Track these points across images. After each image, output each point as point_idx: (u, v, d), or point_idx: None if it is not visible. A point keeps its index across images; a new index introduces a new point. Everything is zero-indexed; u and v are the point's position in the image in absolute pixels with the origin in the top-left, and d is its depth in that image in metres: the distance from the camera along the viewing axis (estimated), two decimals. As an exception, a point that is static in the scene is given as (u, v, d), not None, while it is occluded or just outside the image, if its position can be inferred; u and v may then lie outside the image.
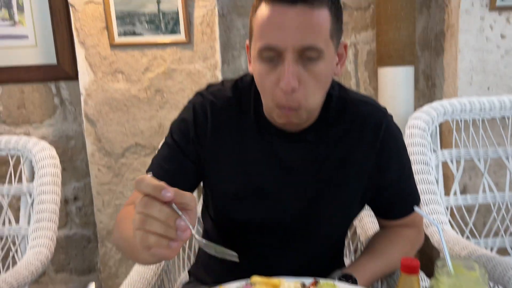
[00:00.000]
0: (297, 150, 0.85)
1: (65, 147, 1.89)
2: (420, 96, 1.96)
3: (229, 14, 1.87)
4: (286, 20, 0.70)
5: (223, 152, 0.87)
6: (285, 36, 0.70)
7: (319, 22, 0.71)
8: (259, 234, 0.89)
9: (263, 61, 0.74)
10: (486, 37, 1.66)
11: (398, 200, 0.93)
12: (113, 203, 1.74)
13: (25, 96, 1.84)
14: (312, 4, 0.70)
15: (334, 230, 0.93)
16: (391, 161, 0.88)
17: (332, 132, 0.86)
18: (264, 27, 0.72)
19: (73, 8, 1.61)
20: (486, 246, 1.49)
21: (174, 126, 0.90)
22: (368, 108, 0.88)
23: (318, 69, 0.74)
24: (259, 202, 0.87)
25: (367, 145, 0.86)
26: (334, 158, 0.86)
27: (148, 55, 1.65)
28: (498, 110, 1.48)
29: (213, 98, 0.87)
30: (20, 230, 1.41)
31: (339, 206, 0.88)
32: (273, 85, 0.75)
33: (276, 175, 0.86)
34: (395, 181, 0.90)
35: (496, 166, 1.68)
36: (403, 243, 0.93)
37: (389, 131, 0.88)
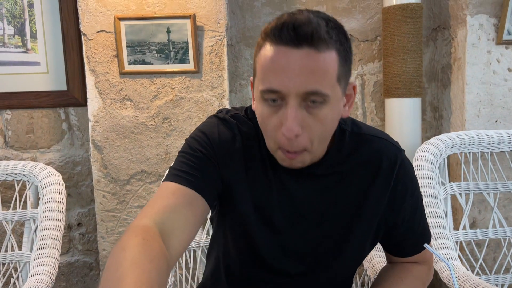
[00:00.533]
0: (307, 185, 0.82)
1: (71, 173, 1.89)
2: (427, 127, 1.96)
3: (237, 44, 1.89)
4: (289, 63, 0.67)
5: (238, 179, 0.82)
6: (288, 81, 0.67)
7: (325, 66, 0.67)
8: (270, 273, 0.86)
9: (266, 103, 0.71)
10: (493, 70, 1.67)
11: (410, 238, 0.90)
12: (116, 230, 1.72)
13: (34, 121, 1.86)
14: (318, 47, 0.66)
15: (344, 269, 0.90)
16: (405, 198, 0.85)
17: (345, 167, 0.82)
18: (267, 70, 0.69)
19: (85, 36, 1.64)
20: (497, 283, 1.45)
21: (193, 140, 0.83)
22: (382, 144, 0.85)
23: (323, 113, 0.70)
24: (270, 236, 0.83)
25: (382, 181, 0.83)
26: (348, 194, 0.82)
27: (157, 83, 1.67)
28: (507, 144, 1.47)
29: (237, 122, 0.83)
30: (22, 256, 1.40)
31: (351, 244, 0.84)
32: (275, 128, 0.71)
33: (286, 210, 0.82)
34: (408, 219, 0.87)
35: (505, 200, 1.65)
36: (414, 281, 0.90)
37: (404, 167, 0.85)
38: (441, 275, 1.27)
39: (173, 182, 0.76)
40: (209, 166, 0.79)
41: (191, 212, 0.74)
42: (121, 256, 0.60)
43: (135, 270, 0.56)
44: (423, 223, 0.91)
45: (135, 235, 0.64)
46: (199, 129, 0.85)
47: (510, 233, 1.45)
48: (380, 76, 1.91)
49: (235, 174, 0.81)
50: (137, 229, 0.66)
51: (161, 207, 0.71)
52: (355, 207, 0.82)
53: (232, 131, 0.82)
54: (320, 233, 0.83)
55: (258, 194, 0.82)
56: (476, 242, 1.47)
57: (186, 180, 0.76)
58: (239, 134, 0.82)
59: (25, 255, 1.39)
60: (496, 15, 1.64)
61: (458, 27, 1.71)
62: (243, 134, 0.83)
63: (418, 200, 0.89)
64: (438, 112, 1.90)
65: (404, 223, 0.87)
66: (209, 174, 0.79)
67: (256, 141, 0.83)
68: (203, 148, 0.80)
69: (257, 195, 0.82)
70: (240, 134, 0.82)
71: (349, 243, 0.84)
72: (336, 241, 0.84)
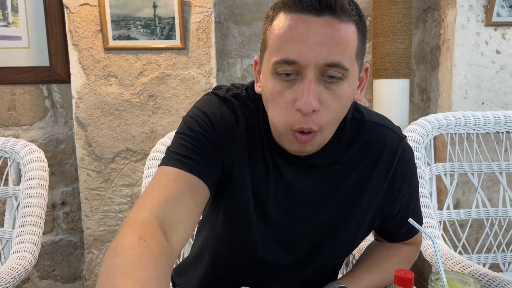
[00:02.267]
0: (306, 176, 0.77)
1: (54, 151, 1.86)
2: (415, 109, 1.96)
3: (225, 21, 1.86)
4: (309, 32, 0.61)
5: (239, 165, 0.76)
6: (307, 51, 0.61)
7: (347, 37, 0.63)
8: (257, 260, 0.82)
9: (278, 77, 0.65)
10: (481, 52, 1.67)
11: (404, 226, 0.88)
12: (101, 208, 1.70)
13: (16, 97, 1.81)
14: (340, 17, 0.62)
15: (334, 258, 0.87)
16: (402, 188, 0.82)
17: (345, 157, 0.78)
18: (283, 39, 0.63)
19: (67, 10, 1.59)
20: (479, 261, 1.47)
21: (192, 119, 0.76)
22: (384, 132, 0.80)
23: (342, 90, 0.65)
24: (264, 227, 0.79)
25: (381, 171, 0.79)
26: (347, 185, 0.78)
27: (142, 60, 1.63)
28: (492, 125, 1.48)
29: (239, 103, 0.76)
30: (4, 234, 1.37)
31: (346, 233, 0.81)
32: (288, 105, 0.65)
33: (283, 201, 0.78)
34: (403, 208, 0.85)
35: (489, 181, 1.67)
36: (401, 260, 0.90)
37: (404, 156, 0.81)
38: (424, 253, 1.29)
39: (173, 167, 0.70)
40: (211, 149, 0.73)
41: (192, 200, 0.68)
42: (113, 262, 0.54)
43: (128, 283, 0.50)
44: (417, 210, 0.88)
45: (131, 233, 0.58)
46: (199, 107, 0.77)
47: (493, 213, 1.47)
48: (369, 57, 1.90)
49: (236, 160, 0.75)
50: (135, 224, 0.61)
51: (162, 197, 0.66)
52: (352, 197, 0.79)
53: (235, 113, 0.75)
54: (314, 225, 0.80)
55: (256, 182, 0.77)
56: (460, 222, 1.49)
57: (187, 165, 0.70)
58: (243, 116, 0.75)
59: (7, 232, 1.37)
60: (486, -4, 1.63)
61: (448, 8, 1.70)
62: (247, 117, 0.76)
63: (414, 187, 0.86)
64: (426, 94, 1.90)
65: (399, 213, 0.84)
66: (210, 158, 0.72)
67: (257, 126, 0.76)
68: (204, 130, 0.73)
69: (256, 183, 0.76)
70: (243, 117, 0.75)
71: (342, 234, 0.81)
72: (330, 232, 0.80)
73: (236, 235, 0.81)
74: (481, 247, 1.51)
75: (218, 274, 0.88)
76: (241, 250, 0.82)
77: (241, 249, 0.82)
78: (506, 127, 1.49)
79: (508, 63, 1.68)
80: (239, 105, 0.76)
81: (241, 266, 0.84)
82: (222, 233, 0.83)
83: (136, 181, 1.70)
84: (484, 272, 1.05)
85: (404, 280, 0.56)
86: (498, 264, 1.48)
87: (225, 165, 0.75)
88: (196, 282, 0.91)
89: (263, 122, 0.75)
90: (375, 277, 0.85)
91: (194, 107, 0.78)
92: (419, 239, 0.95)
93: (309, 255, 0.82)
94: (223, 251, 0.85)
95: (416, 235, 0.92)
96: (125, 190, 1.70)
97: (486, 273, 1.05)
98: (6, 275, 1.16)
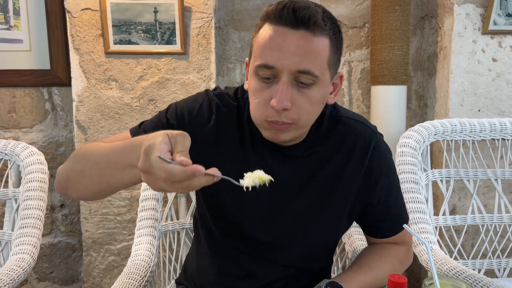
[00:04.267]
0: (288, 165, 0.86)
1: (54, 153, 1.87)
2: (412, 116, 1.98)
3: (225, 27, 1.88)
4: (286, 42, 0.72)
5: (217, 156, 0.86)
6: (283, 58, 0.72)
7: (318, 49, 0.73)
8: (248, 242, 0.90)
9: (259, 79, 0.76)
10: (478, 60, 1.69)
11: (386, 219, 0.94)
12: (100, 211, 1.71)
13: (16, 100, 1.82)
14: (314, 31, 0.72)
15: (320, 244, 0.93)
16: (379, 180, 0.89)
17: (322, 149, 0.87)
18: (264, 47, 0.74)
19: (69, 14, 1.61)
20: (474, 267, 1.49)
21: (174, 107, 0.90)
22: (358, 126, 0.89)
23: (312, 93, 0.75)
24: (250, 212, 0.87)
25: (356, 162, 0.87)
26: (324, 173, 0.87)
27: (143, 64, 1.65)
28: (488, 132, 1.50)
29: (219, 101, 0.88)
30: (3, 235, 1.38)
31: (326, 220, 0.88)
32: (265, 101, 0.76)
33: (266, 187, 0.85)
34: (383, 200, 0.91)
35: (485, 188, 1.69)
36: (392, 259, 0.94)
37: (379, 149, 0.89)
38: (419, 258, 1.30)
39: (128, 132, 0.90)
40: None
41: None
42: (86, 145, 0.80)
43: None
44: (399, 205, 0.94)
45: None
46: (187, 100, 0.90)
47: (488, 219, 1.48)
48: (367, 64, 1.92)
49: (204, 153, 0.84)
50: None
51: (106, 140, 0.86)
52: (330, 185, 0.87)
53: (210, 110, 0.87)
54: (291, 209, 0.87)
55: (232, 172, 0.82)
56: (455, 228, 1.50)
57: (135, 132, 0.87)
58: (216, 113, 0.87)
59: (6, 234, 1.38)
60: (483, 5, 1.65)
61: (445, 16, 1.72)
62: (220, 113, 0.87)
63: (393, 182, 0.93)
64: (423, 100, 1.92)
65: (379, 203, 0.91)
66: None
67: (236, 122, 0.87)
68: (175, 121, 0.87)
69: (231, 173, 0.82)
70: (216, 114, 0.87)
71: (323, 219, 0.88)
72: (309, 217, 0.88)
73: (220, 218, 0.90)
74: (476, 253, 1.52)
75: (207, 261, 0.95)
76: (229, 230, 0.90)
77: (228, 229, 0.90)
78: (501, 134, 1.50)
79: (504, 71, 1.70)
80: (217, 103, 0.88)
81: (233, 246, 0.91)
82: (209, 219, 0.93)
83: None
84: (478, 278, 1.06)
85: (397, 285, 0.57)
86: (493, 270, 1.49)
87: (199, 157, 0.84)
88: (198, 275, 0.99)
89: (249, 118, 0.85)
90: (367, 276, 0.89)
91: (186, 99, 0.91)
92: (408, 238, 0.98)
93: (288, 236, 0.88)
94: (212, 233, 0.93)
95: (403, 234, 0.96)
96: (124, 193, 1.71)
97: (481, 278, 1.06)
98: (5, 276, 1.17)
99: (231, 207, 0.88)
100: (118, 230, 1.73)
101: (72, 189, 0.80)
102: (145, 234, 1.26)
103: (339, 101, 1.95)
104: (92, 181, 0.75)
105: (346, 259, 1.27)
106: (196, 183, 0.58)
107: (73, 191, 0.81)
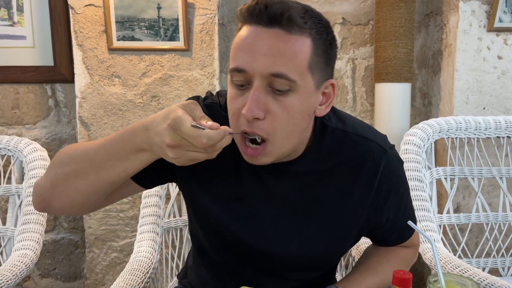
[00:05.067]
0: (284, 181, 0.79)
1: (57, 150, 1.87)
2: (416, 114, 1.96)
3: (229, 24, 1.87)
4: (257, 43, 0.64)
5: (213, 172, 0.80)
6: (253, 60, 0.64)
7: (294, 49, 0.64)
8: (251, 260, 0.84)
9: (234, 85, 0.68)
10: (483, 57, 1.67)
11: (394, 233, 0.90)
12: (102, 208, 1.71)
13: (20, 96, 1.83)
14: (290, 29, 0.64)
15: (326, 261, 0.88)
16: (388, 198, 0.82)
17: (325, 166, 0.79)
18: (237, 49, 0.67)
19: (72, 10, 1.61)
20: (478, 266, 1.48)
21: None
22: (367, 145, 0.80)
23: (289, 102, 0.66)
24: (244, 227, 0.81)
25: (364, 185, 0.80)
26: (327, 193, 0.79)
27: (146, 61, 1.65)
28: (493, 130, 1.49)
29: (210, 113, 0.78)
30: (6, 231, 1.39)
31: (331, 239, 0.82)
32: (237, 111, 0.68)
33: (265, 204, 0.80)
34: (391, 218, 0.86)
35: (490, 186, 1.68)
36: (399, 262, 0.91)
37: (388, 168, 0.81)
38: (423, 256, 1.29)
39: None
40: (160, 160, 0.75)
41: (121, 189, 0.79)
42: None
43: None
44: (407, 214, 0.88)
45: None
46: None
47: (493, 218, 1.47)
48: (371, 61, 1.91)
49: (193, 167, 0.76)
50: None
51: None
52: (336, 206, 0.80)
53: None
54: (293, 226, 0.81)
55: (223, 186, 0.79)
56: (460, 226, 1.49)
57: None
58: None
59: (9, 230, 1.38)
60: (488, 2, 1.64)
61: (450, 13, 1.71)
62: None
63: (403, 195, 0.86)
64: (428, 98, 1.91)
65: (388, 222, 0.85)
66: (154, 163, 0.74)
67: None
68: None
69: (223, 187, 0.80)
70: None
71: (326, 238, 0.82)
72: (311, 235, 0.81)
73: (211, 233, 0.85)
74: (480, 252, 1.51)
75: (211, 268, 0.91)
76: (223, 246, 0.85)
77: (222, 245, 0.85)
78: (507, 132, 1.49)
79: (510, 69, 1.69)
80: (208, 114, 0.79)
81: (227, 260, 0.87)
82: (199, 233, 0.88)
83: (138, 181, 1.71)
84: (483, 276, 1.06)
85: (402, 281, 0.56)
86: (498, 268, 1.48)
87: (179, 171, 0.80)
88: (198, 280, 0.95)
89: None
90: (373, 279, 0.86)
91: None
92: (416, 241, 0.96)
93: (285, 252, 0.82)
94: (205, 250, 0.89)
95: (412, 238, 0.93)
96: (127, 190, 1.71)
97: (485, 277, 1.05)
98: (8, 272, 1.17)
99: (226, 225, 0.81)
100: (121, 227, 1.73)
101: (58, 197, 0.74)
102: (147, 230, 1.26)
103: (343, 99, 1.94)
104: (88, 180, 0.70)
105: (349, 257, 1.26)
106: (224, 143, 0.62)
107: (58, 200, 0.74)
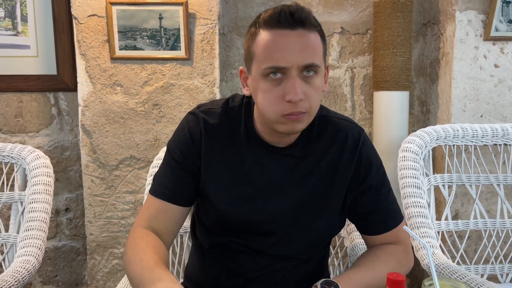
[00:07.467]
0: (284, 164, 0.93)
1: (59, 158, 1.89)
2: (415, 121, 1.98)
3: (229, 33, 1.90)
4: (289, 42, 0.80)
5: (218, 164, 0.93)
6: (289, 57, 0.80)
7: (315, 43, 0.83)
8: (248, 237, 0.95)
9: (267, 78, 0.83)
10: (480, 66, 1.70)
11: (377, 212, 0.98)
12: (104, 215, 1.73)
13: (23, 105, 1.85)
14: (309, 28, 0.82)
15: (320, 236, 0.98)
16: (370, 170, 0.96)
17: (317, 148, 0.95)
18: (269, 50, 0.81)
19: (76, 20, 1.64)
20: (477, 272, 1.48)
21: (171, 145, 0.97)
22: (347, 124, 0.98)
23: (316, 82, 0.84)
24: (251, 208, 0.92)
25: (348, 155, 0.95)
26: (320, 170, 0.94)
27: (148, 69, 1.67)
28: (490, 137, 1.50)
29: (204, 116, 0.95)
30: (9, 238, 1.40)
31: (322, 214, 0.94)
32: (278, 98, 0.82)
33: (265, 185, 0.93)
34: (373, 189, 0.97)
35: (488, 193, 1.69)
36: (388, 258, 0.96)
37: (366, 144, 0.98)
38: (422, 262, 1.30)
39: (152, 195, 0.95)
40: (183, 172, 0.93)
41: (168, 217, 0.93)
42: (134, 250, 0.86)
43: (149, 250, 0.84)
44: (390, 201, 0.99)
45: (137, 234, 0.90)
46: (177, 132, 0.97)
47: (491, 225, 1.48)
48: (370, 70, 1.93)
49: (204, 162, 0.93)
50: (136, 230, 0.91)
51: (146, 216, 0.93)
52: (327, 179, 0.94)
53: (198, 127, 0.94)
54: (291, 204, 0.93)
55: (241, 170, 0.93)
56: (458, 233, 1.50)
57: (161, 194, 0.93)
58: (204, 127, 0.93)
59: (11, 237, 1.40)
60: (484, 12, 1.67)
61: (447, 22, 1.73)
62: (209, 126, 0.93)
63: (384, 177, 0.99)
64: (426, 106, 1.93)
65: (370, 191, 0.97)
66: (182, 182, 0.93)
67: (229, 129, 0.94)
68: (177, 157, 0.94)
69: (241, 171, 0.93)
70: (205, 127, 0.93)
71: (323, 211, 0.94)
72: (311, 211, 0.94)
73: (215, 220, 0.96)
74: (479, 258, 1.52)
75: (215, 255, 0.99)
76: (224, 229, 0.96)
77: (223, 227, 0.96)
78: (503, 140, 1.51)
79: (506, 77, 1.71)
80: (203, 118, 0.94)
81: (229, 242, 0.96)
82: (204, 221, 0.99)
83: (139, 188, 1.73)
84: (480, 282, 1.07)
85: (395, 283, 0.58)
86: (496, 275, 1.49)
87: (203, 170, 0.94)
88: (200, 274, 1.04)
89: (246, 124, 0.94)
90: (364, 274, 0.91)
91: (174, 132, 0.98)
92: (404, 238, 1.00)
93: (289, 230, 0.94)
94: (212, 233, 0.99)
95: (397, 232, 0.99)
96: (128, 196, 1.73)
97: (483, 282, 1.06)
98: (10, 278, 1.18)
99: (231, 208, 0.93)
100: (122, 234, 1.74)
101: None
102: (148, 237, 1.27)
103: (342, 107, 1.96)
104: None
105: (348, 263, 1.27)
106: None
107: None
